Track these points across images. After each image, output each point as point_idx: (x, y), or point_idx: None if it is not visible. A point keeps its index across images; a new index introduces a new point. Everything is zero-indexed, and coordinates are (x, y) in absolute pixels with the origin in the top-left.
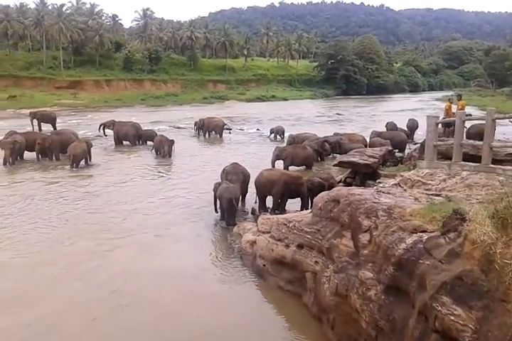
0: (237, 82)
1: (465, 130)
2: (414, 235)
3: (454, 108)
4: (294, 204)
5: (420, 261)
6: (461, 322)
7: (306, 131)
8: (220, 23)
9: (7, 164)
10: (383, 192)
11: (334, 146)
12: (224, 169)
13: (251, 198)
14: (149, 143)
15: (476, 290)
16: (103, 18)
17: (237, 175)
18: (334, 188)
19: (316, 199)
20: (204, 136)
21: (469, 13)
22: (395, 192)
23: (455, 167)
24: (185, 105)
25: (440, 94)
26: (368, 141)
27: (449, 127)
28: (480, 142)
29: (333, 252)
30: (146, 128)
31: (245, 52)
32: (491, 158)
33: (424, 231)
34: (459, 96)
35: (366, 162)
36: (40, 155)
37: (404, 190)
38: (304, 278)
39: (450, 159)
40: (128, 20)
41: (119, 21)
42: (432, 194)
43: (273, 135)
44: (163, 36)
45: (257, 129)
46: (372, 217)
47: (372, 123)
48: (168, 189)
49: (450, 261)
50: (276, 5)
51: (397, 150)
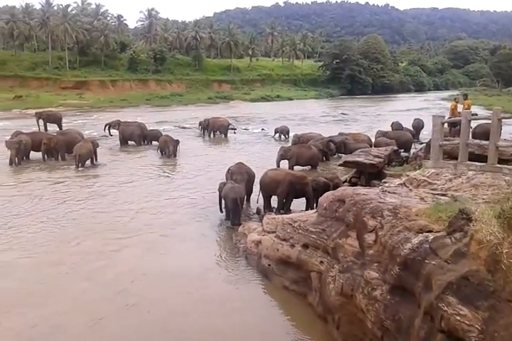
0: (242, 82)
1: (471, 129)
2: (420, 235)
3: (460, 107)
4: (299, 204)
5: (426, 261)
6: (467, 322)
7: (311, 130)
8: (224, 23)
9: (13, 164)
10: (389, 192)
11: (339, 146)
12: (229, 169)
13: (255, 198)
14: (154, 143)
15: (482, 290)
16: (108, 19)
17: (241, 175)
18: (339, 188)
19: (321, 199)
20: (209, 135)
21: (475, 12)
22: (400, 192)
23: (461, 166)
24: (190, 105)
25: (446, 94)
26: (374, 140)
27: (454, 127)
28: (486, 142)
29: (339, 252)
30: (151, 128)
31: (250, 52)
32: (497, 157)
33: (430, 231)
34: (465, 96)
35: (371, 162)
36: (46, 155)
37: (410, 190)
38: (309, 277)
39: (456, 159)
40: (133, 20)
41: (124, 22)
42: (438, 194)
43: (278, 135)
44: (168, 36)
45: (262, 129)
46: (378, 217)
47: (377, 122)
48: (173, 189)
49: (456, 261)
50: (281, 5)
51: (402, 149)
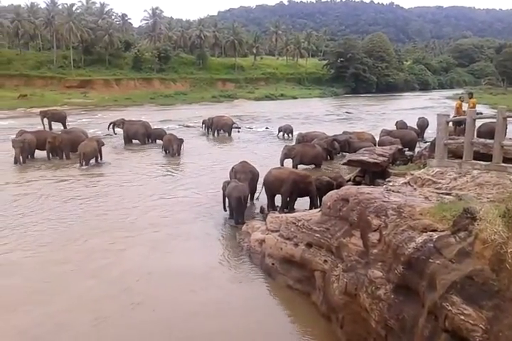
0: (246, 80)
1: (476, 128)
2: (424, 234)
3: (465, 106)
4: (303, 203)
5: (430, 260)
6: (471, 321)
7: (315, 129)
8: (229, 21)
9: (18, 163)
10: (393, 191)
11: (343, 145)
12: (233, 168)
13: (260, 197)
14: (159, 141)
15: (486, 289)
16: (113, 18)
17: (245, 174)
18: (343, 187)
19: (325, 198)
20: (213, 134)
21: (480, 10)
22: (404, 191)
23: (466, 165)
24: (194, 104)
25: (450, 93)
26: (378, 139)
27: (459, 125)
28: (491, 140)
29: (343, 251)
30: (155, 127)
31: (254, 51)
32: (501, 156)
33: (434, 231)
34: (470, 95)
35: (376, 161)
36: (50, 154)
37: (414, 189)
38: (313, 276)
39: (461, 158)
40: (137, 19)
41: (129, 20)
42: (443, 193)
43: (281, 133)
44: (173, 35)
45: (266, 128)
46: (382, 216)
47: (382, 121)
48: (177, 187)
49: (460, 260)
50: (285, 3)
51: (407, 148)
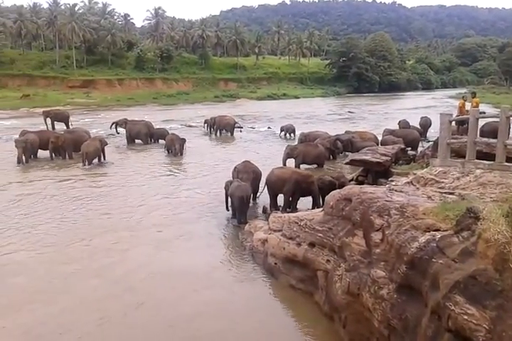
0: (248, 80)
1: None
2: (427, 234)
3: (468, 105)
4: (305, 203)
5: (433, 260)
6: (474, 321)
7: (317, 129)
8: (231, 21)
9: (21, 163)
10: (396, 191)
11: (346, 144)
12: (235, 167)
13: (263, 197)
14: (161, 141)
15: (489, 289)
16: (115, 18)
17: (248, 174)
18: (346, 187)
19: (327, 197)
20: (215, 134)
21: (483, 9)
22: (407, 191)
23: (469, 165)
24: (196, 104)
25: (453, 92)
26: (381, 139)
27: (462, 125)
28: (494, 140)
29: (345, 251)
30: (158, 127)
31: (256, 51)
32: (505, 156)
33: (437, 230)
34: (473, 94)
35: (378, 160)
36: (53, 154)
37: (417, 189)
38: (316, 276)
39: (464, 157)
40: (140, 19)
41: (131, 20)
42: (446, 192)
43: (283, 133)
44: (175, 35)
45: (268, 127)
46: (385, 216)
47: (384, 121)
48: (179, 187)
49: (463, 260)
50: (288, 3)
51: (409, 148)
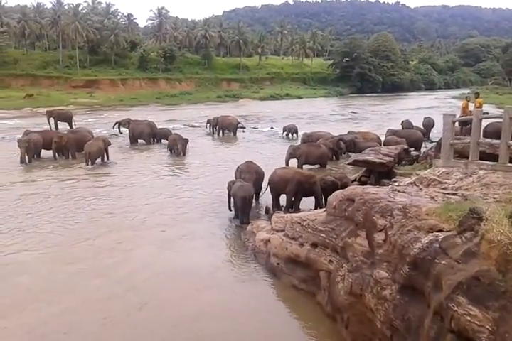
0: (251, 80)
1: (482, 128)
2: (430, 234)
3: (471, 106)
4: (308, 203)
5: (436, 261)
6: (477, 322)
7: (320, 129)
8: (234, 21)
9: (24, 162)
10: (398, 191)
11: (349, 145)
12: (238, 167)
13: (265, 197)
14: (164, 141)
15: (492, 290)
16: (118, 18)
17: (250, 174)
18: (349, 187)
19: (330, 198)
20: (218, 134)
21: (486, 9)
22: (410, 191)
23: (472, 166)
24: (199, 104)
25: (456, 92)
26: (384, 139)
27: (465, 125)
28: (497, 140)
29: (348, 251)
30: (160, 127)
31: (259, 51)
32: (508, 156)
33: (440, 231)
34: (477, 94)
35: (381, 161)
36: (56, 154)
37: (420, 189)
38: (318, 276)
39: (467, 158)
40: (143, 19)
41: (134, 20)
42: (448, 193)
43: (285, 133)
44: (178, 35)
45: (271, 128)
46: (388, 216)
47: (387, 121)
48: (182, 187)
49: (466, 260)
50: (291, 3)
51: (412, 148)
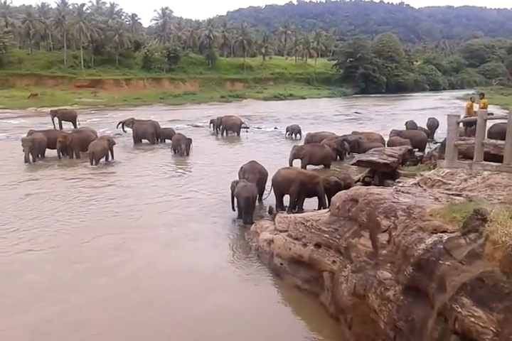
0: (254, 80)
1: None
2: (434, 235)
3: (476, 107)
4: (311, 204)
5: (440, 262)
6: (481, 324)
7: (324, 129)
8: (238, 21)
9: (28, 162)
10: (402, 192)
11: (353, 145)
12: (241, 167)
13: (269, 197)
14: (168, 141)
15: (497, 291)
16: (122, 18)
17: (254, 174)
18: (352, 187)
19: (334, 198)
20: (221, 134)
21: (491, 10)
22: (414, 192)
23: (476, 166)
24: (203, 104)
25: (461, 93)
26: (387, 139)
27: (470, 126)
28: (502, 141)
29: (351, 252)
30: (164, 127)
31: (263, 51)
32: None
33: (444, 232)
34: (481, 95)
35: (385, 161)
36: (61, 153)
37: (424, 190)
38: (322, 277)
39: (471, 159)
40: (147, 19)
41: (139, 20)
42: (453, 194)
43: (288, 133)
44: (182, 35)
45: (275, 128)
46: (391, 217)
47: (391, 122)
48: (186, 187)
49: (470, 261)
50: (295, 3)
51: (417, 149)
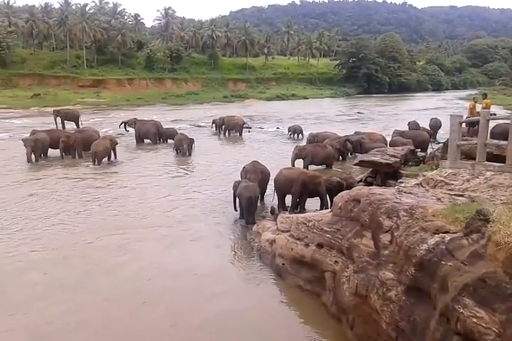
0: (257, 80)
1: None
2: (437, 236)
3: (479, 107)
4: (313, 204)
5: (442, 262)
6: (484, 324)
7: (326, 129)
8: (240, 21)
9: (30, 161)
10: (405, 192)
11: (356, 145)
12: (244, 167)
13: (271, 197)
14: (170, 141)
15: (499, 292)
16: (125, 18)
17: (256, 174)
18: (355, 188)
19: (336, 198)
20: (224, 134)
21: (494, 10)
22: (416, 192)
23: (479, 167)
24: (205, 104)
25: (464, 93)
26: (390, 140)
27: (473, 126)
28: (504, 142)
29: (353, 252)
30: (166, 127)
31: (266, 51)
32: None
33: (446, 232)
34: (484, 95)
35: (387, 161)
36: (63, 153)
37: (427, 190)
38: (323, 277)
39: (474, 159)
40: (150, 19)
41: (141, 20)
42: (455, 194)
43: (290, 133)
44: (185, 35)
45: (277, 128)
46: (394, 217)
47: (394, 122)
48: (188, 187)
49: (473, 262)
50: (298, 3)
51: (419, 149)
